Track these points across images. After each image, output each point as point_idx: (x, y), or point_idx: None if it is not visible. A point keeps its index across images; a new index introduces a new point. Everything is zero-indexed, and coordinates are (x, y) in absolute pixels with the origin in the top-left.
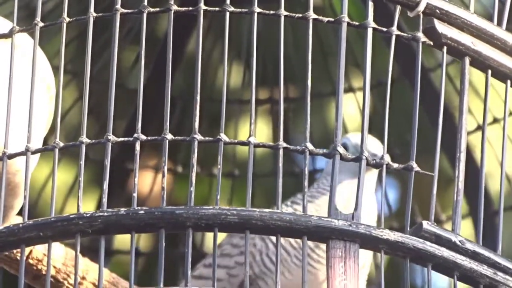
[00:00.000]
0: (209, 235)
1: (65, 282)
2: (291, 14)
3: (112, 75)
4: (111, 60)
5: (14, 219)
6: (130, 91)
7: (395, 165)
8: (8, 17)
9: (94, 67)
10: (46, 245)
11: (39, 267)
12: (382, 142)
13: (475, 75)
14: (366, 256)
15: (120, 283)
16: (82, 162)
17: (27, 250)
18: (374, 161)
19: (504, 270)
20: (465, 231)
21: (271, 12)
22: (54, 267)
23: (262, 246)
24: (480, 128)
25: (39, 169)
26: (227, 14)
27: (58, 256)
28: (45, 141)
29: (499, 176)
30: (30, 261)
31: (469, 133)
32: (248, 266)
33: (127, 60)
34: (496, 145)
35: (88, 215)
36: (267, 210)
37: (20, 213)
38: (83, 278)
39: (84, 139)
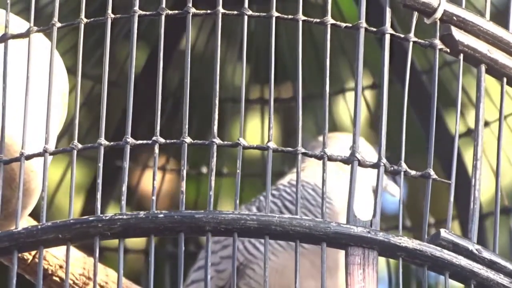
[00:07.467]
0: None
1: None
2: (308, 19)
3: (130, 88)
4: (129, 70)
5: (26, 219)
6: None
7: (413, 172)
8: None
9: (88, 63)
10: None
11: (46, 267)
12: (400, 147)
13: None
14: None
15: (132, 287)
16: (101, 164)
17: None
18: (392, 168)
19: None
20: None
21: (290, 16)
22: (61, 266)
23: None
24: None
25: None
26: (245, 17)
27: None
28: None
29: (488, 180)
30: (37, 260)
31: (460, 135)
32: (267, 275)
33: (120, 56)
34: (487, 148)
35: (107, 217)
36: (286, 216)
37: (32, 214)
38: (89, 278)
39: (103, 141)
